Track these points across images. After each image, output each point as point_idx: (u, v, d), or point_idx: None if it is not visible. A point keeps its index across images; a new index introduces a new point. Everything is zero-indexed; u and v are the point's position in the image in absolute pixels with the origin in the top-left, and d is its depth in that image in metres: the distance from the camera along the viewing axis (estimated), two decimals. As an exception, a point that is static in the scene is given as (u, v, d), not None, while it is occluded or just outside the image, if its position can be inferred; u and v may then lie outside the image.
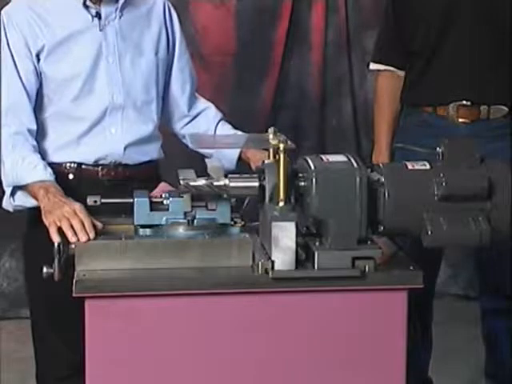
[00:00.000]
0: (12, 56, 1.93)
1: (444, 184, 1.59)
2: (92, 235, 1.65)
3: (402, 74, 2.55)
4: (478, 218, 1.58)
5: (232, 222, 1.72)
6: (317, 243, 1.60)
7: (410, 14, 2.47)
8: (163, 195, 1.71)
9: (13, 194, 1.90)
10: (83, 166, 1.97)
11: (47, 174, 1.86)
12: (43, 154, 1.94)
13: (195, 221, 1.68)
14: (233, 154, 2.04)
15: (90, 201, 1.70)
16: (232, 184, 1.64)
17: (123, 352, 1.57)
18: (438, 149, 1.64)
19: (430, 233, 1.58)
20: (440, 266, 2.57)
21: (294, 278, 1.57)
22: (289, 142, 1.60)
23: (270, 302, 1.60)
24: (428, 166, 1.64)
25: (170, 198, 1.69)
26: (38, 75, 1.95)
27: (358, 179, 1.57)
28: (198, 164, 1.75)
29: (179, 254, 1.60)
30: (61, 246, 1.59)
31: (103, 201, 1.72)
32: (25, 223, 2.04)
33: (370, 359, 1.62)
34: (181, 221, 1.67)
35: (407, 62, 2.52)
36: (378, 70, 2.60)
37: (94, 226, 1.68)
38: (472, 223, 1.58)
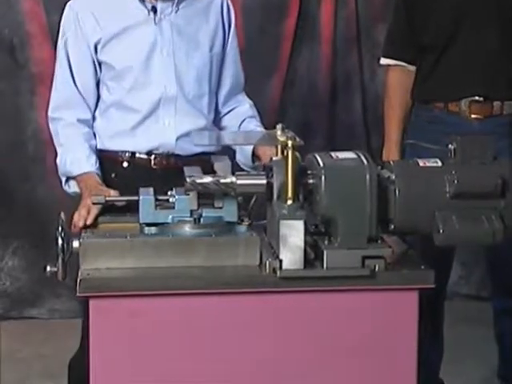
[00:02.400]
0: (67, 52, 2.05)
1: (456, 181, 1.59)
2: (81, 223, 1.81)
3: (412, 68, 2.54)
4: (491, 217, 1.58)
5: (239, 221, 1.72)
6: (326, 242, 1.60)
7: (422, 8, 2.47)
8: (169, 193, 1.71)
9: (67, 181, 2.06)
10: (137, 155, 2.06)
11: (89, 166, 2.00)
12: (100, 140, 2.07)
13: (201, 219, 1.68)
14: (248, 149, 2.08)
15: (94, 199, 1.76)
16: (239, 181, 1.65)
17: (128, 353, 1.58)
18: (449, 145, 1.64)
19: (441, 231, 1.58)
20: (452, 265, 2.57)
21: (303, 277, 1.57)
22: (297, 139, 1.61)
23: (278, 302, 1.60)
24: (440, 163, 1.64)
25: (176, 196, 1.70)
26: (96, 65, 2.05)
27: (367, 176, 1.57)
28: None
29: (185, 253, 1.61)
30: (64, 244, 1.60)
31: (108, 199, 1.76)
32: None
33: (381, 361, 1.62)
34: (187, 219, 1.67)
35: (418, 56, 2.51)
36: (389, 65, 2.59)
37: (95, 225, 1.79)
38: (485, 221, 1.58)
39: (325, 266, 1.58)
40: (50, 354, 3.04)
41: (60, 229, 1.62)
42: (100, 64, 2.05)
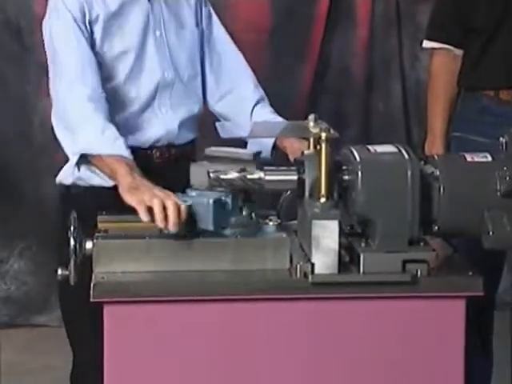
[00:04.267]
0: (75, 20, 1.98)
1: (508, 178, 1.58)
2: (179, 226, 1.62)
3: (459, 53, 2.53)
4: (547, 217, 1.58)
5: (267, 220, 1.73)
6: (362, 244, 1.61)
7: (471, -15, 2.46)
8: (187, 191, 1.73)
9: (77, 164, 1.94)
10: (136, 150, 2.00)
11: (128, 152, 1.88)
12: None
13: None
14: (268, 141, 2.06)
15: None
16: (268, 177, 1.66)
17: (146, 364, 1.60)
18: (500, 138, 1.64)
19: (491, 233, 1.58)
20: (502, 271, 2.56)
21: (337, 282, 1.58)
22: (331, 131, 1.61)
23: (309, 309, 1.61)
24: (489, 158, 1.63)
25: (194, 193, 1.71)
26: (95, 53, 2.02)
27: (409, 172, 1.57)
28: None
29: (209, 256, 1.62)
30: (77, 245, 1.62)
31: None
32: (63, 206, 2.05)
33: (423, 376, 1.62)
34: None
35: (466, 39, 2.51)
36: (433, 49, 2.59)
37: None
38: (540, 223, 1.57)
39: (361, 270, 1.58)
40: (59, 366, 3.05)
41: (72, 228, 1.63)
42: (93, 47, 2.00)
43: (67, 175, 2.00)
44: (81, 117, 1.93)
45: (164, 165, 2.05)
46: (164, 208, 1.65)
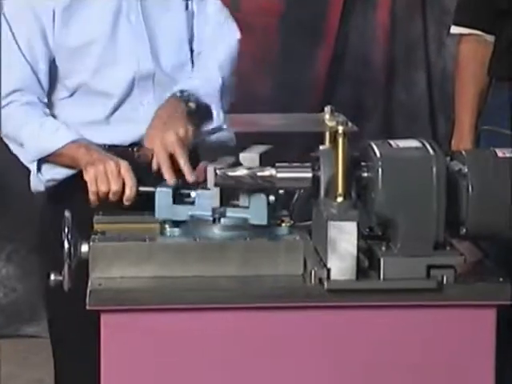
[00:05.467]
0: (12, 31, 1.98)
1: (543, 176, 1.59)
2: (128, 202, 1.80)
3: (491, 39, 2.54)
4: None
5: (279, 221, 1.74)
6: (383, 248, 1.62)
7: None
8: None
9: (39, 169, 2.00)
10: (117, 148, 2.02)
11: (75, 134, 1.96)
12: None
13: (222, 219, 1.70)
14: None
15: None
16: (279, 175, 1.67)
17: (145, 378, 1.61)
18: (535, 132, 1.65)
19: (524, 236, 1.59)
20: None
21: (355, 290, 1.59)
22: (349, 124, 1.62)
23: (325, 318, 1.62)
24: (522, 154, 1.64)
25: (198, 191, 1.73)
26: (48, 46, 2.01)
27: (434, 169, 1.58)
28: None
29: (215, 260, 1.63)
30: (71, 248, 1.63)
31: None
32: (45, 205, 2.11)
33: (448, 392, 1.64)
34: (207, 218, 1.70)
35: (497, 23, 2.51)
36: (461, 35, 2.59)
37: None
38: None
39: (382, 276, 1.59)
40: (50, 380, 3.08)
41: (66, 230, 1.64)
42: (52, 41, 2.00)
43: (37, 183, 2.04)
44: (17, 125, 1.99)
45: (147, 164, 2.00)
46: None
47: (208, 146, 2.06)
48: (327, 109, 1.70)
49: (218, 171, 1.67)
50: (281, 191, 1.72)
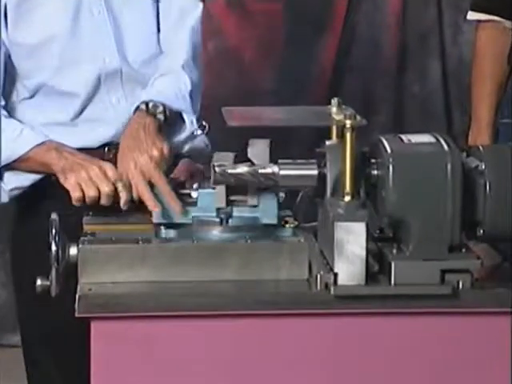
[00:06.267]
0: None
1: None
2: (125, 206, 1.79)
3: (510, 25, 2.54)
4: None
5: (282, 222, 1.75)
6: (394, 251, 1.63)
7: None
8: (194, 186, 1.75)
9: (0, 178, 1.96)
10: (87, 151, 2.01)
11: (41, 135, 1.93)
12: None
13: (230, 220, 1.71)
14: None
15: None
16: (283, 172, 1.67)
17: (139, 390, 1.62)
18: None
19: (545, 238, 1.59)
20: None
21: (364, 295, 1.59)
22: (357, 117, 1.63)
23: (332, 326, 1.62)
24: (544, 150, 1.65)
25: (199, 190, 1.73)
26: (3, 44, 1.98)
27: (449, 166, 1.59)
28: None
29: (214, 263, 1.64)
30: (59, 251, 1.64)
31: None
32: (13, 216, 2.10)
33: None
34: (212, 219, 1.71)
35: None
36: (479, 21, 2.60)
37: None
38: None
39: (392, 281, 1.60)
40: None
41: (53, 231, 1.65)
42: (6, 37, 1.97)
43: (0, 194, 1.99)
44: None
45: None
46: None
47: (183, 157, 2.04)
48: (334, 101, 1.70)
49: (217, 168, 1.68)
50: (281, 194, 1.73)
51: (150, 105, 1.96)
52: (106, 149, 2.04)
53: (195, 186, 1.76)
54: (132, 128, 1.93)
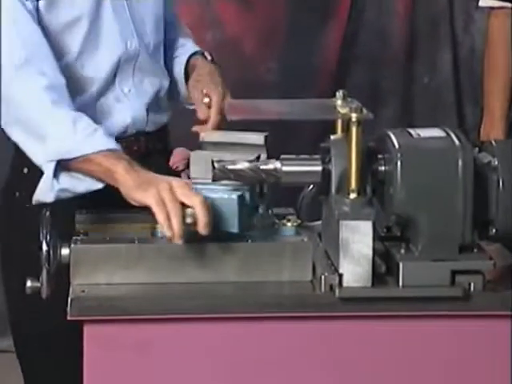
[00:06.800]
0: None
1: None
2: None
3: (524, 13, 2.55)
4: None
5: (285, 221, 1.75)
6: (402, 251, 1.63)
7: None
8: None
9: (56, 175, 1.83)
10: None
11: (114, 143, 1.83)
12: None
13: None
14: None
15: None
16: (285, 168, 1.67)
17: (135, 397, 1.62)
18: None
19: (561, 237, 1.60)
20: None
21: (370, 298, 1.59)
22: (364, 111, 1.63)
23: (337, 330, 1.63)
24: (560, 145, 1.65)
25: (196, 186, 1.74)
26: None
27: (460, 162, 1.59)
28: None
29: (213, 264, 1.64)
30: (51, 251, 1.64)
31: None
32: (1, 215, 2.10)
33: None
34: None
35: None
36: (492, 8, 2.60)
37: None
38: None
39: (400, 283, 1.60)
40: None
41: (44, 231, 1.65)
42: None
43: (46, 191, 1.82)
44: (41, 113, 1.83)
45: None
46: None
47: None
48: (339, 94, 1.70)
49: (216, 164, 1.68)
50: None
51: (206, 53, 2.14)
52: (119, 142, 1.94)
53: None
54: (205, 66, 2.10)
